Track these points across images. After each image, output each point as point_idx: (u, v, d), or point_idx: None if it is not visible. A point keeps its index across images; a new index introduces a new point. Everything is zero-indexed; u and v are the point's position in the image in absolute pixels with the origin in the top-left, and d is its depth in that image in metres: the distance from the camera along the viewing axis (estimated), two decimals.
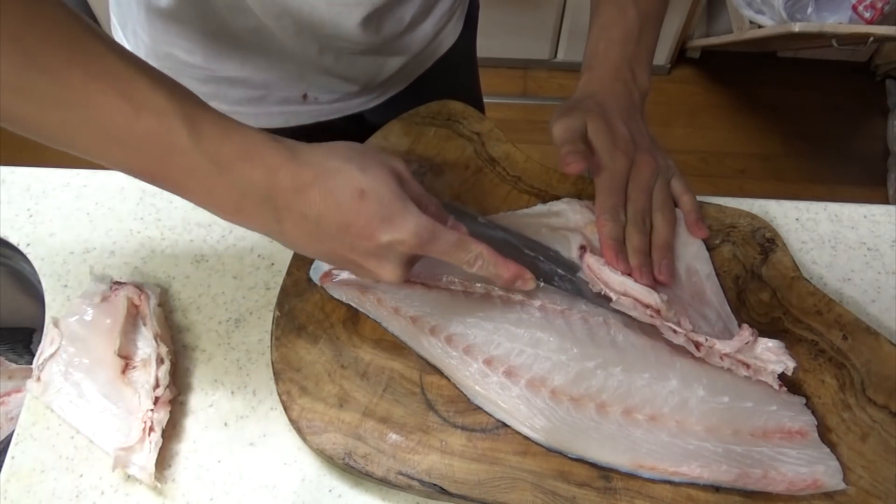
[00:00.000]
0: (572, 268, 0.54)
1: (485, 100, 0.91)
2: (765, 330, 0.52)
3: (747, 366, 0.49)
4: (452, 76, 0.77)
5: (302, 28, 0.57)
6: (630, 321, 0.51)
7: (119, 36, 0.67)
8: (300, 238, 0.43)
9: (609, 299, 0.51)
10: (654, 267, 0.52)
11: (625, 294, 0.51)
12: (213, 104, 0.69)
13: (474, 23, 0.79)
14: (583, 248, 0.53)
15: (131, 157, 0.39)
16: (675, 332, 0.49)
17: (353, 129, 0.74)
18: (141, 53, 0.64)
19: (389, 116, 0.63)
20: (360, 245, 0.42)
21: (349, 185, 0.41)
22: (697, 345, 0.49)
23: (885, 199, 1.76)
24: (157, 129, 0.37)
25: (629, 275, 0.52)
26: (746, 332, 0.49)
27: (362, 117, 0.74)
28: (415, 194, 0.45)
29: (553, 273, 0.53)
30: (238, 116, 0.69)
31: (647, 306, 0.50)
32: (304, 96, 0.66)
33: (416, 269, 0.49)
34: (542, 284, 0.51)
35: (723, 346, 0.49)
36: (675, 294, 0.53)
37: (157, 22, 0.59)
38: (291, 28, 0.57)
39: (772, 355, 0.49)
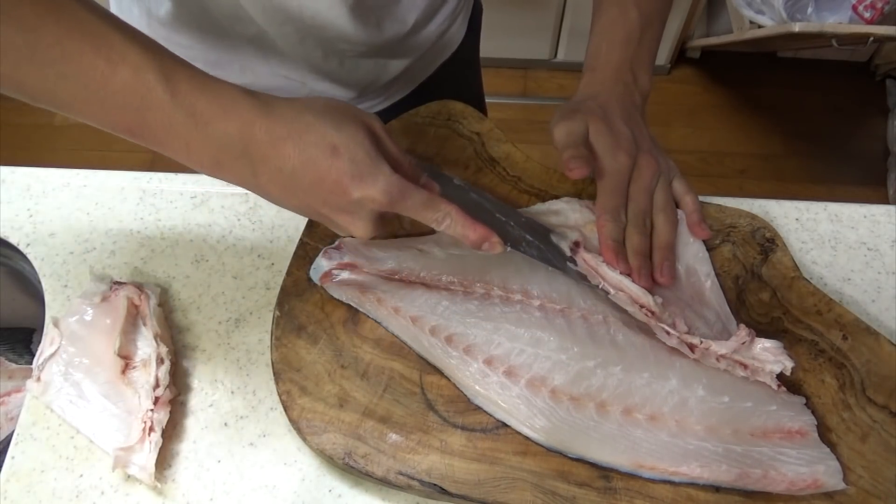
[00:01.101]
0: (542, 235, 0.54)
1: (485, 100, 0.91)
2: (765, 330, 0.52)
3: (745, 366, 0.49)
4: (456, 79, 0.77)
5: (305, 35, 0.57)
6: (630, 320, 0.51)
7: None
8: (275, 191, 0.43)
9: (606, 292, 0.51)
10: (655, 268, 0.53)
11: (620, 291, 0.51)
12: None
13: (478, 26, 0.79)
14: (576, 244, 0.53)
15: (110, 112, 0.39)
16: (668, 333, 0.49)
17: None
18: None
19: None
20: (332, 200, 0.43)
21: (322, 140, 0.42)
22: (692, 347, 0.49)
23: (885, 199, 1.76)
24: (133, 84, 0.38)
25: (628, 275, 0.52)
26: (743, 333, 0.49)
27: None
28: (389, 152, 0.45)
29: (521, 238, 0.53)
30: None
31: (642, 306, 0.50)
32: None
33: (388, 256, 0.51)
34: (508, 249, 0.50)
35: (719, 348, 0.49)
36: (673, 294, 0.53)
37: (158, 30, 0.60)
38: (294, 35, 0.57)
39: (769, 355, 0.49)
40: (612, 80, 0.57)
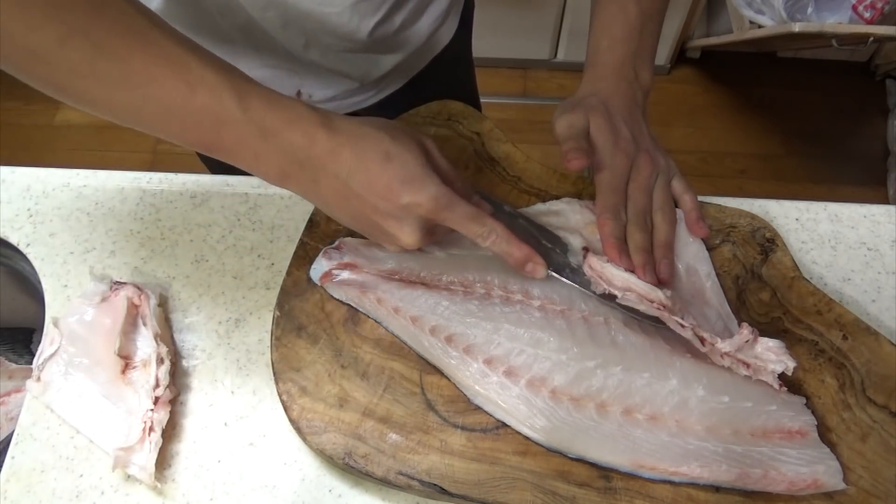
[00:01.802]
0: (582, 262, 0.54)
1: (485, 100, 0.91)
2: (765, 330, 0.52)
3: (747, 365, 0.49)
4: (449, 74, 0.77)
5: (288, 21, 0.58)
6: (630, 321, 0.51)
7: None
8: (332, 197, 0.46)
9: (614, 297, 0.51)
10: (655, 266, 0.53)
11: (629, 290, 0.51)
12: None
13: (469, 21, 0.80)
14: (585, 250, 0.53)
15: (189, 130, 0.43)
16: (682, 325, 0.49)
17: None
18: None
19: (387, 115, 0.63)
20: (381, 205, 0.45)
21: (377, 147, 0.45)
22: (702, 340, 0.49)
23: (885, 199, 1.76)
24: (210, 104, 0.42)
25: (632, 271, 0.52)
26: (746, 331, 0.49)
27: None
28: (441, 169, 0.48)
29: (565, 265, 0.53)
30: None
31: (652, 301, 0.50)
32: (298, 93, 0.66)
33: (388, 256, 0.52)
34: (551, 273, 0.51)
35: (723, 345, 0.49)
36: (674, 294, 0.53)
37: None
38: (277, 21, 0.58)
39: (772, 355, 0.49)
40: (613, 77, 0.57)
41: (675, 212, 0.56)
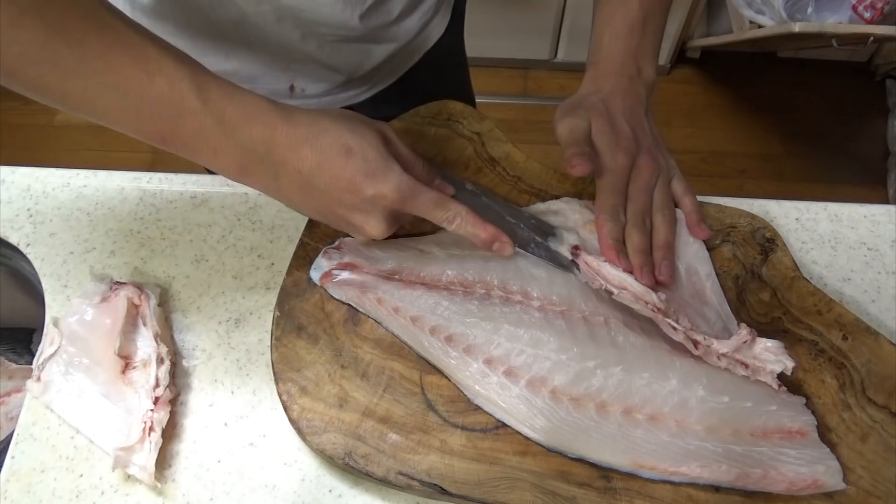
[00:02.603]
0: (549, 234, 0.54)
1: (485, 100, 0.91)
2: (765, 330, 0.52)
3: (745, 365, 0.49)
4: (441, 71, 0.77)
5: (282, 14, 0.58)
6: (630, 321, 0.51)
7: None
8: (295, 193, 0.46)
9: (609, 293, 0.51)
10: (655, 267, 0.53)
11: (624, 290, 0.51)
12: None
13: (461, 18, 0.80)
14: (576, 248, 0.53)
15: (145, 120, 0.42)
16: (674, 328, 0.49)
17: None
18: None
19: (380, 111, 0.63)
20: (346, 199, 0.46)
21: (338, 141, 0.44)
22: (696, 343, 0.49)
23: (885, 199, 1.76)
24: (168, 93, 0.41)
25: (630, 272, 0.52)
26: (744, 332, 0.49)
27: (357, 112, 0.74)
28: (401, 155, 0.48)
29: (530, 239, 0.54)
30: None
31: (647, 303, 0.50)
32: (291, 88, 0.66)
33: (388, 256, 0.52)
34: (517, 250, 0.52)
35: (720, 346, 0.49)
36: (674, 294, 0.53)
37: (141, 18, 0.60)
38: (272, 15, 0.58)
39: (770, 355, 0.49)
40: (615, 74, 0.57)
41: (676, 212, 0.55)
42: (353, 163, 0.44)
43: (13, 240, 0.60)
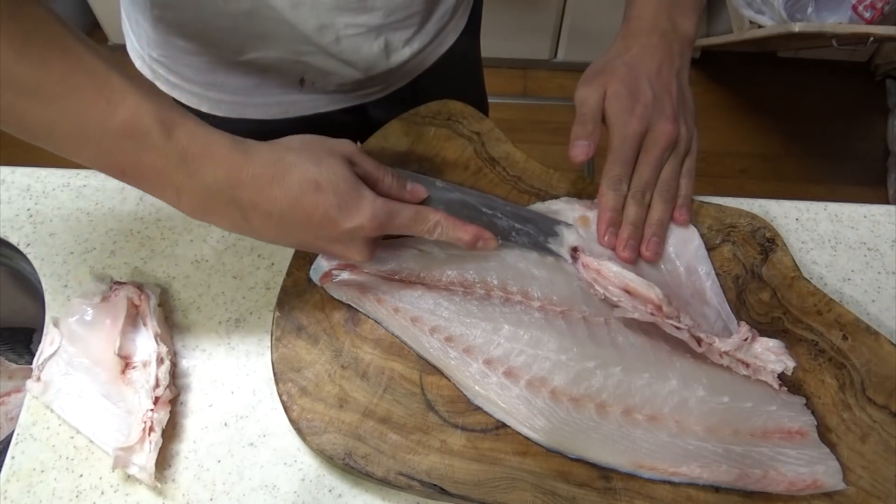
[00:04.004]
0: (529, 220, 0.54)
1: (487, 98, 0.91)
2: (765, 330, 0.52)
3: (746, 364, 0.49)
4: (455, 75, 0.77)
5: (299, 1, 0.57)
6: (631, 321, 0.51)
7: (125, 26, 0.68)
8: (269, 233, 0.45)
9: (612, 304, 0.51)
10: (643, 242, 0.52)
11: (624, 288, 0.51)
12: (212, 94, 0.68)
13: (477, 23, 0.79)
14: (575, 250, 0.53)
15: (106, 151, 0.40)
16: (677, 328, 0.49)
17: (354, 123, 0.74)
18: (143, 43, 0.65)
19: (391, 112, 0.63)
20: (323, 234, 0.45)
21: (305, 178, 0.43)
22: (699, 340, 0.49)
23: (885, 199, 1.76)
24: (130, 125, 0.39)
25: (625, 260, 0.52)
26: (745, 330, 0.49)
27: (364, 112, 0.73)
28: (368, 171, 0.47)
29: (511, 228, 0.53)
30: (237, 106, 0.68)
31: (648, 302, 0.50)
32: (302, 81, 0.65)
33: (388, 256, 0.52)
34: (500, 242, 0.52)
35: (722, 344, 0.49)
36: (674, 293, 0.53)
37: (155, 10, 0.60)
38: (287, 1, 0.57)
39: (771, 355, 0.49)
40: (646, 32, 0.54)
41: (678, 192, 0.54)
42: (324, 198, 0.43)
43: (13, 240, 0.60)
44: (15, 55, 0.36)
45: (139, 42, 0.66)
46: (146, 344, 0.53)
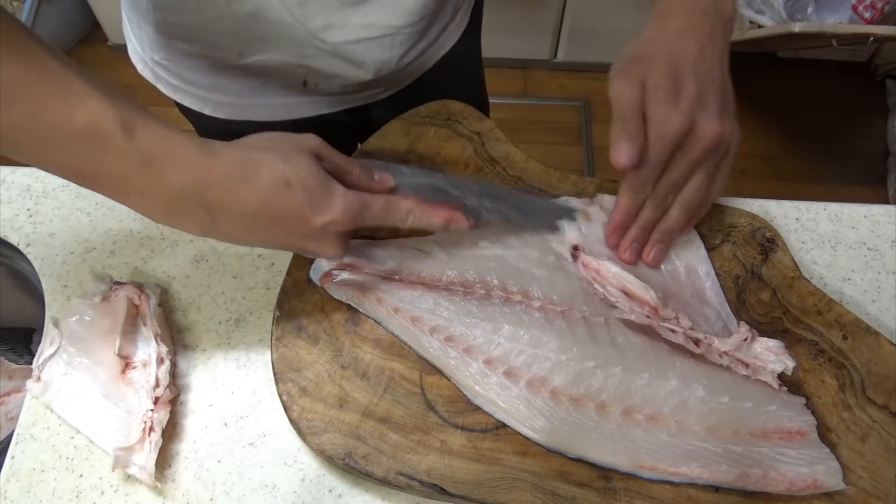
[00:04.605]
0: (498, 197, 0.54)
1: (488, 99, 0.91)
2: (765, 330, 0.52)
3: (746, 365, 0.49)
4: (456, 75, 0.76)
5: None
6: (631, 321, 0.51)
7: (127, 30, 0.68)
8: (239, 234, 0.45)
9: (609, 303, 0.51)
10: (648, 245, 0.52)
11: (622, 289, 0.51)
12: (215, 96, 0.67)
13: (478, 23, 0.79)
14: (575, 248, 0.53)
15: (66, 156, 0.39)
16: (672, 331, 0.49)
17: (356, 124, 0.74)
18: (145, 46, 0.65)
19: (393, 113, 0.63)
20: (295, 231, 0.44)
21: (274, 177, 0.43)
22: (697, 341, 0.49)
23: (885, 199, 1.76)
24: (91, 128, 0.38)
25: (616, 252, 0.52)
26: (744, 329, 0.49)
27: (366, 113, 0.73)
28: (337, 166, 0.47)
29: (481, 207, 0.53)
30: (239, 108, 0.68)
31: (644, 304, 0.50)
32: (304, 83, 0.65)
33: (388, 256, 0.52)
34: (472, 221, 0.51)
35: (721, 344, 0.49)
36: (674, 293, 0.53)
37: (157, 13, 0.60)
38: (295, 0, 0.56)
39: (771, 355, 0.49)
40: (685, 10, 0.49)
41: (701, 206, 0.51)
42: (294, 196, 0.43)
43: (13, 240, 0.60)
44: None
45: (141, 45, 0.66)
46: (146, 344, 0.53)
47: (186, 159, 0.41)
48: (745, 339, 0.49)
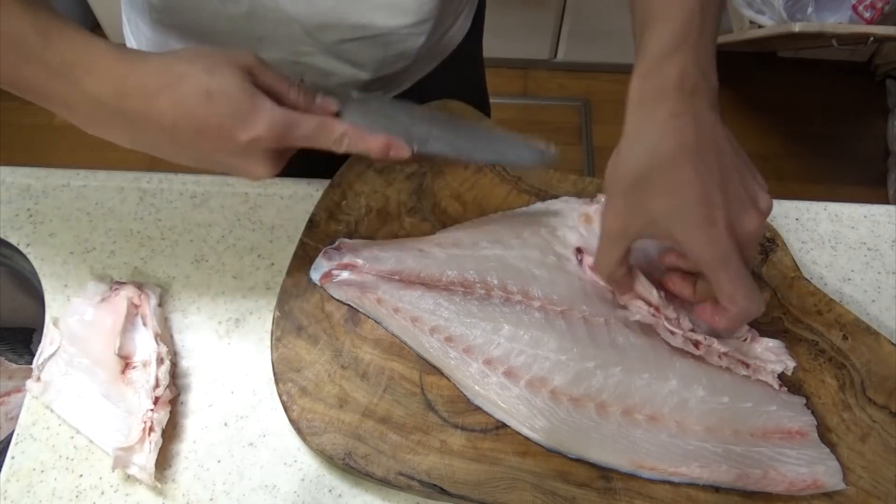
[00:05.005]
0: (449, 125, 0.51)
1: (489, 99, 0.91)
2: (765, 330, 0.52)
3: (746, 365, 0.49)
4: (458, 76, 0.76)
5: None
6: (630, 321, 0.51)
7: (126, 30, 0.68)
8: (164, 147, 0.43)
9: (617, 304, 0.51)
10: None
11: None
12: None
13: (480, 25, 0.79)
14: (579, 250, 0.53)
15: None
16: (672, 333, 0.49)
17: None
18: (142, 46, 0.65)
19: None
20: (220, 146, 0.43)
21: (195, 88, 0.41)
22: (696, 343, 0.49)
23: (885, 199, 1.76)
24: (9, 34, 0.38)
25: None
26: (744, 329, 0.49)
27: None
28: (271, 84, 0.45)
29: (428, 135, 0.50)
30: None
31: (648, 303, 0.50)
32: (301, 82, 0.65)
33: (388, 256, 0.50)
34: (416, 148, 0.48)
35: (721, 345, 0.49)
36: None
37: (154, 13, 0.60)
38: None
39: (772, 355, 0.49)
40: (673, 86, 0.41)
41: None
42: (216, 107, 0.41)
43: (13, 240, 0.60)
44: None
45: (139, 46, 0.66)
46: (146, 344, 0.53)
47: (104, 67, 0.40)
48: (745, 340, 0.49)
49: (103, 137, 0.43)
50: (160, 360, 0.51)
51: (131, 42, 0.68)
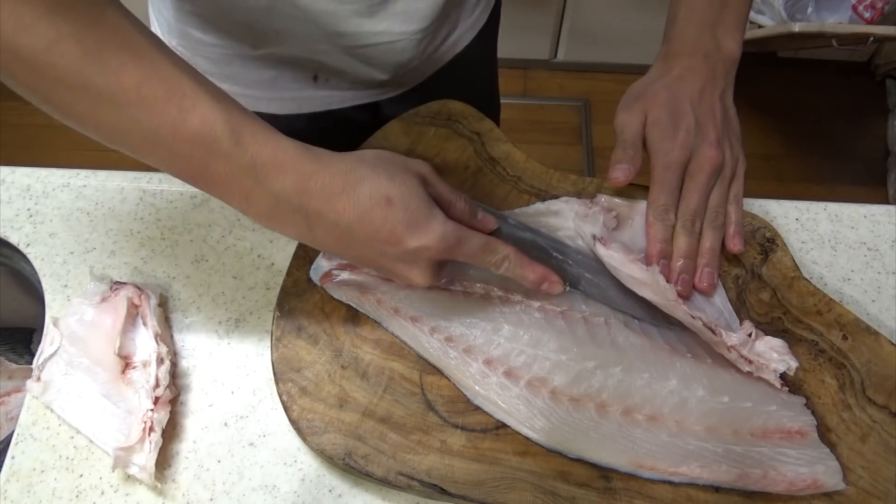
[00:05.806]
0: (601, 271, 0.52)
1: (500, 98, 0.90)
2: (765, 330, 0.52)
3: (750, 361, 0.49)
4: (469, 74, 0.76)
5: None
6: (630, 321, 0.51)
7: (150, 15, 0.68)
8: (332, 244, 0.45)
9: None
10: (697, 273, 0.51)
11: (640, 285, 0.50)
12: (227, 87, 0.68)
13: (496, 22, 0.78)
14: (595, 238, 0.52)
15: (177, 158, 0.40)
16: (692, 317, 0.48)
17: (367, 120, 0.73)
18: (164, 31, 0.65)
19: (405, 110, 0.63)
20: (388, 251, 0.44)
21: (376, 192, 0.42)
22: (714, 330, 0.48)
23: (885, 199, 1.76)
24: (201, 133, 0.39)
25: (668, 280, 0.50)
26: (749, 325, 0.49)
27: (378, 109, 0.73)
28: (441, 194, 0.47)
29: (580, 276, 0.52)
30: (251, 100, 0.68)
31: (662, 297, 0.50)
32: (315, 77, 0.65)
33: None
34: (568, 289, 0.51)
35: (730, 338, 0.49)
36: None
37: (172, 6, 0.60)
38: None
39: (775, 354, 0.49)
40: (688, 53, 0.52)
41: (728, 217, 0.53)
42: (393, 214, 0.42)
43: (13, 240, 0.60)
44: (91, 62, 0.37)
45: (161, 31, 0.66)
46: (146, 344, 0.53)
47: (290, 165, 0.41)
48: (750, 336, 0.49)
49: (274, 230, 0.44)
50: (160, 360, 0.51)
51: (155, 27, 0.67)
